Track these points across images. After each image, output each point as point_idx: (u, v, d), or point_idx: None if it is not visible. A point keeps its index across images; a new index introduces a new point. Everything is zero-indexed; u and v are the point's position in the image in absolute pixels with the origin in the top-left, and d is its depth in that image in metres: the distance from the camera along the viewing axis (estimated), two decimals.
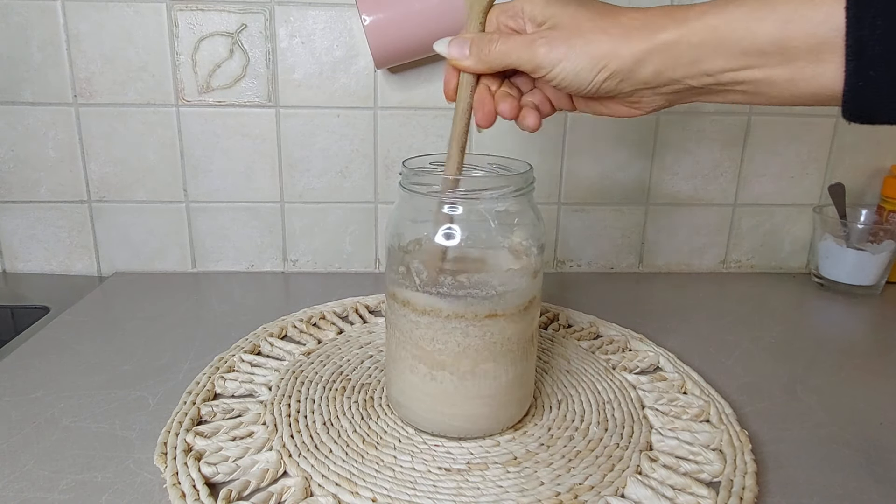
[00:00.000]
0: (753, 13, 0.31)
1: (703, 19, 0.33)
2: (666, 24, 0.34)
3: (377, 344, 0.58)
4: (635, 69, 0.35)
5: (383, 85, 0.70)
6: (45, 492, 0.38)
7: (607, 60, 0.35)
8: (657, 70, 0.35)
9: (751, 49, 0.32)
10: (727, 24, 0.32)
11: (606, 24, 0.35)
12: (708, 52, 0.33)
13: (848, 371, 0.55)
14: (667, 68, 0.34)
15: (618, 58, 0.35)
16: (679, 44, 0.33)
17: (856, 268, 0.71)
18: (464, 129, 0.41)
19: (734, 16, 0.32)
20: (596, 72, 0.35)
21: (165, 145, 0.71)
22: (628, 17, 0.35)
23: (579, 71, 0.36)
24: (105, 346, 0.57)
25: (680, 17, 0.33)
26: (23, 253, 0.74)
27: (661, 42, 0.34)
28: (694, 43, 0.33)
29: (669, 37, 0.33)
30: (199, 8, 0.67)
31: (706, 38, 0.33)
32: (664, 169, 0.75)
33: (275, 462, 0.41)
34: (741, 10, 0.32)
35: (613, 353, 0.57)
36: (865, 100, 0.30)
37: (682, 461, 0.42)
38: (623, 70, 0.35)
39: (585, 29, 0.35)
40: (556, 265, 0.79)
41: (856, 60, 0.29)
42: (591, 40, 0.35)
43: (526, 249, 0.42)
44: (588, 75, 0.36)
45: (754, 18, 0.31)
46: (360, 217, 0.75)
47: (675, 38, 0.33)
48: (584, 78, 0.36)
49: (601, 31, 0.35)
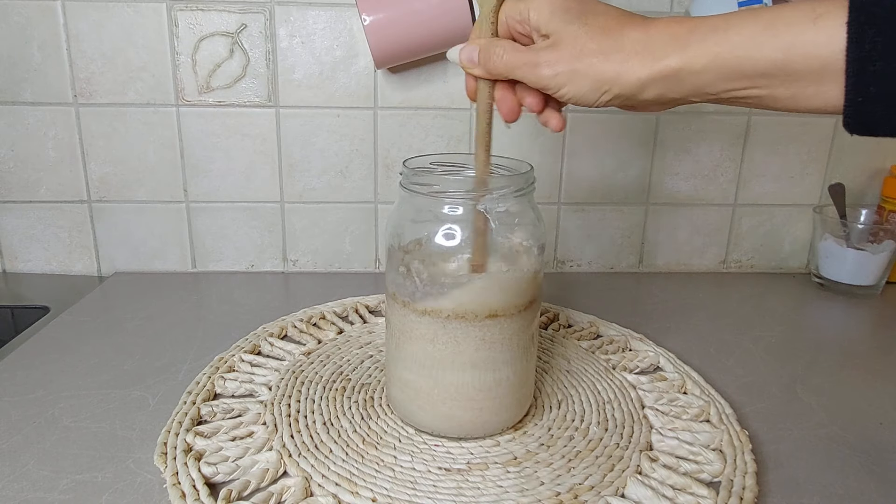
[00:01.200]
0: (755, 38, 0.31)
1: (705, 45, 0.33)
2: (668, 51, 0.34)
3: (377, 344, 0.58)
4: (638, 93, 0.35)
5: (383, 85, 0.70)
6: (45, 492, 0.38)
7: (610, 86, 0.35)
8: (660, 93, 0.35)
9: (753, 73, 0.32)
10: (730, 51, 0.32)
11: (608, 46, 0.35)
12: (710, 77, 0.33)
13: (848, 371, 0.55)
14: (669, 91, 0.35)
15: (620, 84, 0.35)
16: (681, 71, 0.34)
17: (856, 268, 0.71)
18: (485, 128, 0.41)
19: (735, 42, 0.32)
20: (600, 94, 0.36)
21: (165, 145, 0.71)
22: (630, 39, 0.35)
23: (585, 93, 0.36)
24: (105, 346, 0.57)
25: (682, 41, 0.33)
26: (23, 253, 0.74)
27: (664, 69, 0.34)
28: (696, 70, 0.33)
29: (671, 64, 0.34)
30: (199, 8, 0.67)
31: (708, 64, 0.33)
32: (664, 169, 0.75)
33: (275, 462, 0.41)
34: (742, 36, 0.32)
35: (613, 353, 0.57)
36: (865, 114, 0.30)
37: (682, 461, 0.42)
38: (626, 94, 0.36)
39: (588, 51, 0.35)
40: (556, 265, 0.79)
41: (856, 77, 0.29)
42: (592, 65, 0.35)
43: (526, 249, 0.42)
44: (592, 96, 0.36)
45: (756, 44, 0.31)
46: (360, 217, 0.75)
47: (678, 66, 0.34)
48: (589, 98, 0.37)
49: (603, 56, 0.35)
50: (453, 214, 0.41)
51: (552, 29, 0.37)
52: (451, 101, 0.71)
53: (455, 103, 0.71)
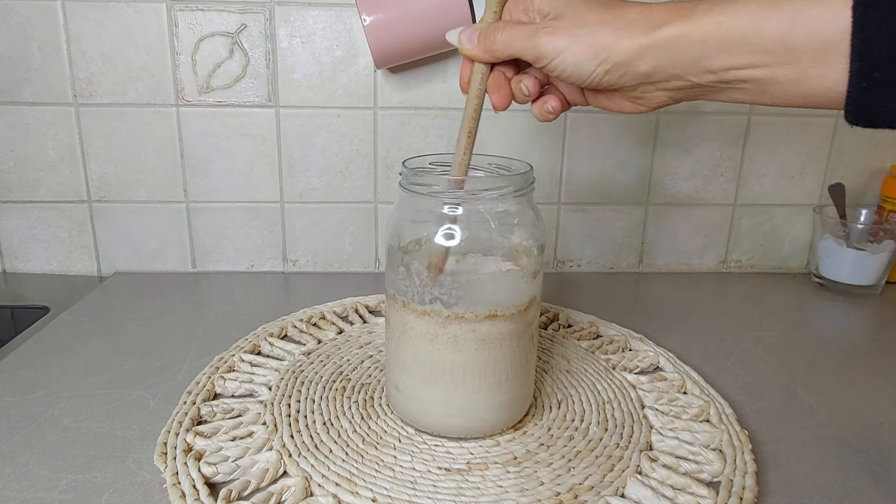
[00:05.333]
0: (759, 11, 0.31)
1: (709, 16, 0.33)
2: (670, 18, 0.33)
3: (377, 344, 0.58)
4: (635, 63, 0.35)
5: (383, 85, 0.70)
6: (45, 492, 0.38)
7: (608, 53, 0.35)
8: (658, 65, 0.34)
9: (755, 47, 0.32)
10: (732, 21, 0.32)
11: (610, 16, 0.35)
12: (711, 48, 0.33)
13: (848, 371, 0.55)
14: (668, 63, 0.34)
15: (618, 51, 0.35)
16: (682, 39, 0.33)
17: (856, 268, 0.71)
18: (473, 113, 0.41)
19: (739, 13, 0.32)
20: (597, 63, 0.35)
21: (165, 145, 0.71)
22: (633, 10, 0.35)
23: (580, 62, 0.36)
24: (105, 346, 0.57)
25: (685, 12, 0.33)
26: (23, 253, 0.74)
27: (664, 37, 0.34)
28: (697, 39, 0.33)
29: (672, 32, 0.33)
30: (199, 8, 0.67)
31: (710, 34, 0.32)
32: (664, 169, 0.75)
33: (275, 462, 0.41)
34: (747, 8, 0.32)
35: (613, 352, 0.57)
36: (868, 101, 0.30)
37: (682, 461, 0.42)
38: (623, 63, 0.35)
39: (589, 20, 0.35)
40: (556, 265, 0.79)
41: (860, 61, 0.29)
42: (592, 31, 0.35)
43: (526, 249, 0.42)
44: (589, 66, 0.36)
45: (760, 17, 0.31)
46: (360, 217, 0.75)
47: (679, 34, 0.33)
48: (584, 69, 0.36)
49: (603, 24, 0.35)
50: (453, 214, 0.41)
51: (555, 6, 0.37)
52: (451, 101, 0.71)
53: (455, 103, 0.71)
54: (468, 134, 0.41)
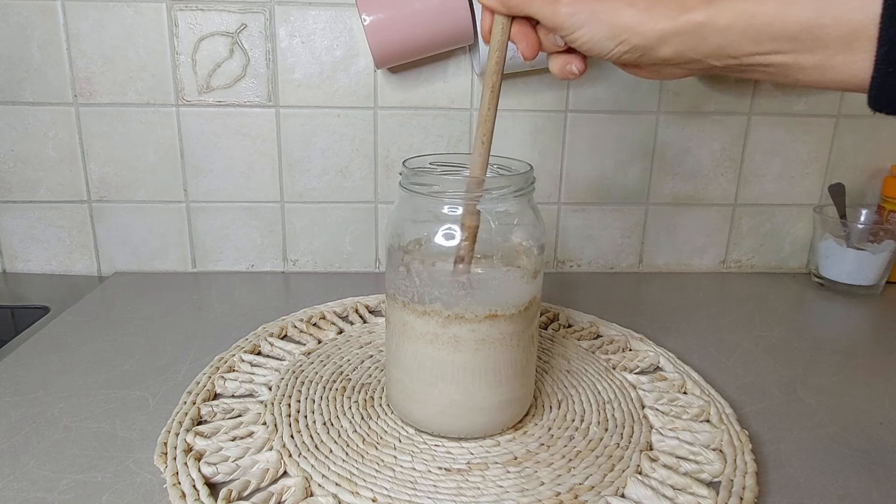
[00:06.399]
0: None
1: (733, 1, 0.32)
2: (694, 3, 0.33)
3: (377, 344, 0.58)
4: (656, 47, 0.34)
5: (383, 85, 0.70)
6: (45, 492, 0.38)
7: (628, 35, 0.34)
8: (679, 51, 0.34)
9: (780, 34, 0.31)
10: (758, 7, 0.31)
11: None
12: (735, 36, 0.32)
13: (848, 371, 0.55)
14: (689, 49, 0.33)
15: (639, 34, 0.34)
16: (705, 26, 0.32)
17: (856, 268, 0.71)
18: (495, 66, 0.39)
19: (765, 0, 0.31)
20: (616, 43, 0.35)
21: (165, 145, 0.71)
22: None
23: (599, 39, 0.35)
24: (105, 346, 0.57)
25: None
26: (23, 253, 0.74)
27: (687, 23, 0.33)
28: (721, 26, 0.32)
29: (696, 18, 0.32)
30: (199, 8, 0.67)
31: (734, 21, 0.32)
32: (664, 169, 0.75)
33: (275, 462, 0.41)
34: None
35: (613, 352, 0.57)
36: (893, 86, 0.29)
37: (682, 461, 0.42)
38: (644, 47, 0.34)
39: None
40: (556, 265, 0.79)
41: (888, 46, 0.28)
42: (615, 10, 0.34)
43: (526, 250, 0.42)
44: (608, 44, 0.35)
45: (785, 3, 0.30)
46: (360, 217, 0.75)
47: (702, 21, 0.32)
48: (604, 46, 0.35)
49: (626, 3, 0.34)
50: (453, 214, 0.41)
51: None
52: (451, 101, 0.71)
53: (455, 103, 0.71)
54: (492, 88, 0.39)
